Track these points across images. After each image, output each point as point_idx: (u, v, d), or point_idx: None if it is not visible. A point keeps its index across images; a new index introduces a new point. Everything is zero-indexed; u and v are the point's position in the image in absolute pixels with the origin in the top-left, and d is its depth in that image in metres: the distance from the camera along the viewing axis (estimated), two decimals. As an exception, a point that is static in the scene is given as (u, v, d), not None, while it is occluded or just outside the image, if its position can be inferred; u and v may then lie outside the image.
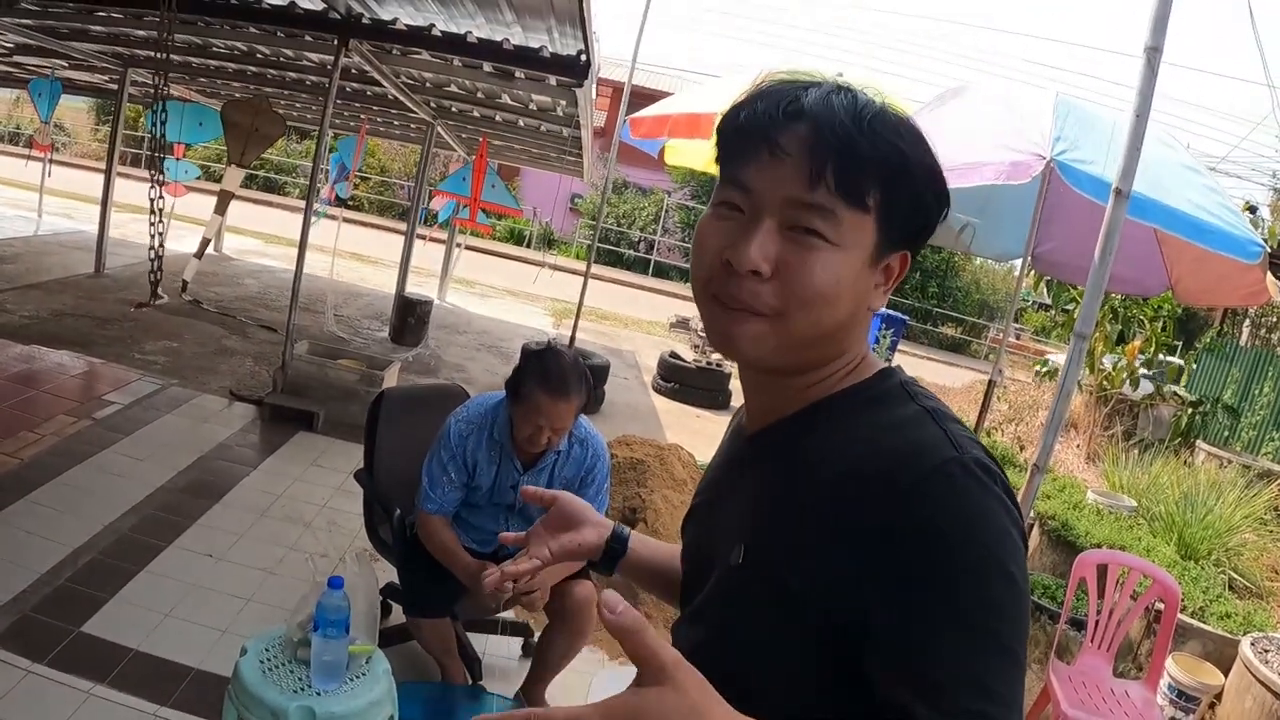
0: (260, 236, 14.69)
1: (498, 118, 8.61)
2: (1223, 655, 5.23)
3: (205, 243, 8.83)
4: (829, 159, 0.98)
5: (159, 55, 4.34)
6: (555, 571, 2.98)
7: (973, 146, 3.94)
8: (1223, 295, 5.22)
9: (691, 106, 6.75)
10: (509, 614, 3.75)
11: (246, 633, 3.54)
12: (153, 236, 5.50)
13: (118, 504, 4.35)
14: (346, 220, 8.80)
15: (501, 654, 3.89)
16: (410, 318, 9.67)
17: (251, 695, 2.21)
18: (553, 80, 6.22)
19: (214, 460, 5.22)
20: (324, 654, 2.27)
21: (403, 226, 18.64)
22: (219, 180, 12.68)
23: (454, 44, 5.69)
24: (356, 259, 9.52)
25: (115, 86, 9.83)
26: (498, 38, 5.57)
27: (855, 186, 0.99)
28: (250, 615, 3.70)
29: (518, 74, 6.27)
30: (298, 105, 10.31)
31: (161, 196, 5.32)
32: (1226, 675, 5.12)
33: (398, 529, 3.38)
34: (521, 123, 8.58)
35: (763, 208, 1.01)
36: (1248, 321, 14.78)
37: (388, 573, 4.08)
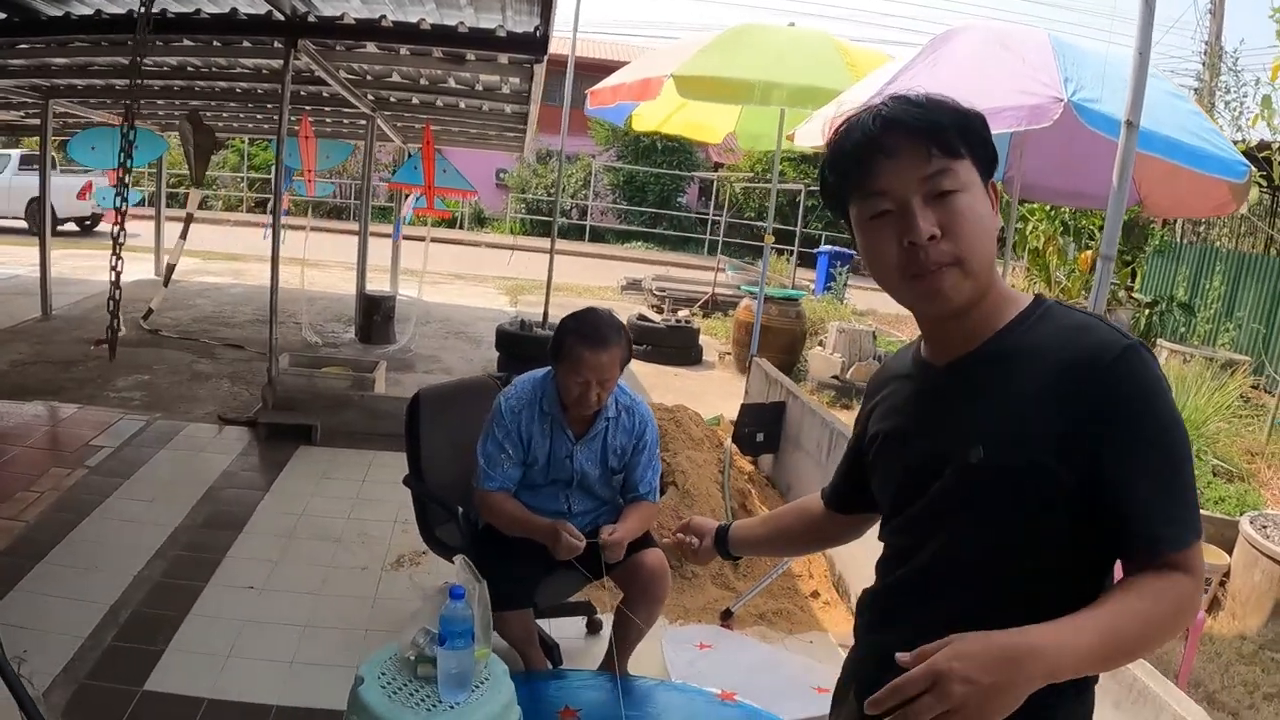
0: (197, 254, 14.07)
1: (438, 102, 8.45)
2: (1224, 537, 5.43)
3: (170, 269, 8.57)
4: (925, 135, 1.32)
5: (131, 81, 4.14)
6: (629, 531, 3.11)
7: (985, 93, 3.95)
8: (1193, 207, 5.34)
9: (643, 72, 6.78)
10: (577, 595, 3.69)
11: (313, 660, 3.46)
12: (114, 269, 5.26)
13: (141, 552, 4.17)
14: (291, 227, 8.55)
15: (570, 635, 3.84)
16: (375, 315, 9.51)
17: (385, 722, 2.13)
18: (505, 59, 6.10)
19: (224, 490, 5.06)
20: (452, 666, 2.19)
21: (336, 225, 18.64)
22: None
23: (406, 34, 5.53)
24: (298, 263, 9.33)
25: (36, 121, 9.41)
26: (451, 22, 5.42)
27: (950, 144, 1.33)
28: (312, 641, 3.59)
29: (469, 56, 6.12)
30: (225, 115, 9.99)
31: (123, 230, 5.08)
32: (1230, 555, 5.29)
33: (467, 528, 3.32)
34: (463, 104, 8.42)
35: (905, 195, 1.33)
36: (1179, 221, 15.10)
37: (445, 572, 4.02)
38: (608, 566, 3.08)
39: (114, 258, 4.56)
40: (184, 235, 8.71)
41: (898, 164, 1.33)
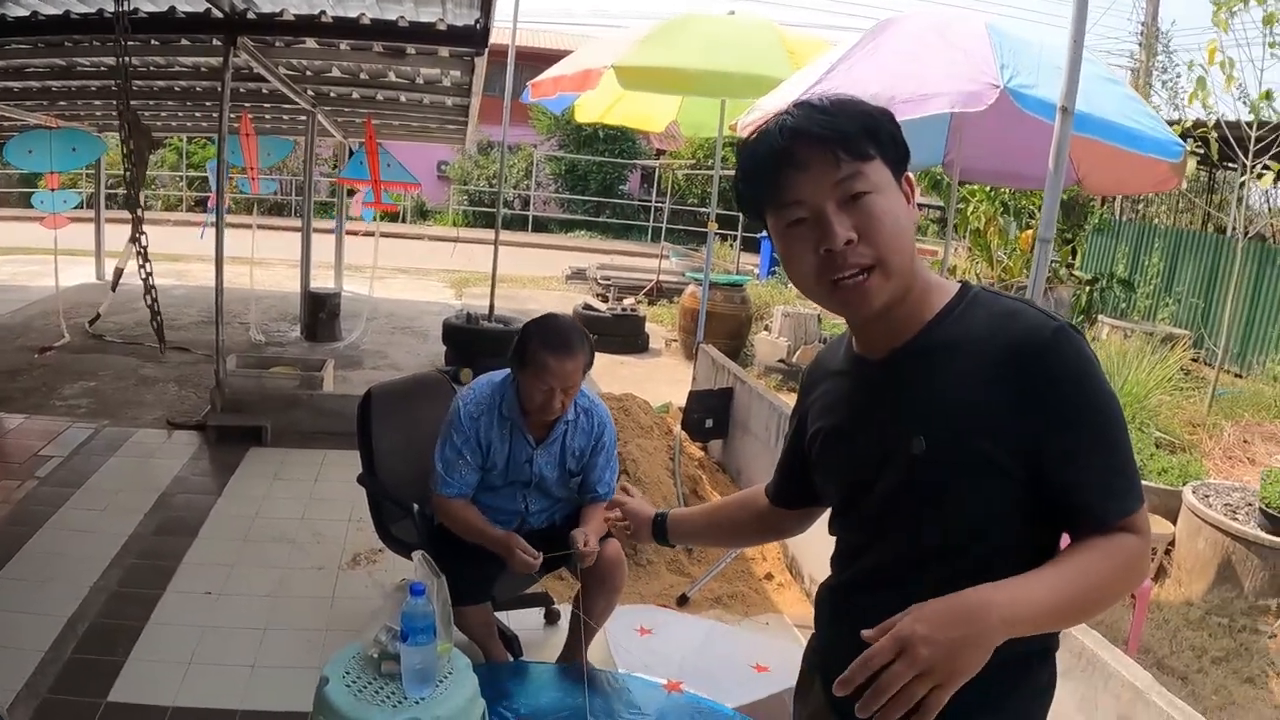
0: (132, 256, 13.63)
1: (379, 96, 8.38)
2: (1168, 507, 5.58)
3: (119, 273, 8.43)
4: (831, 143, 1.34)
5: (116, 83, 4.09)
6: (595, 532, 3.11)
7: (919, 79, 4.02)
8: (1132, 184, 5.45)
9: (584, 64, 6.79)
10: (534, 587, 3.73)
11: (274, 663, 3.48)
12: (147, 283, 5.25)
13: (96, 562, 4.13)
14: (233, 225, 8.43)
15: (529, 626, 3.88)
16: (321, 313, 9.42)
17: (352, 721, 2.16)
18: (445, 52, 6.09)
19: (176, 496, 5.03)
20: (416, 662, 2.22)
21: (278, 222, 18.35)
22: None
23: (346, 29, 5.51)
24: (242, 262, 9.25)
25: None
26: (390, 16, 5.41)
27: (858, 147, 1.35)
28: (272, 644, 3.60)
29: (409, 50, 6.10)
30: (163, 114, 9.85)
31: (143, 242, 5.07)
32: (1175, 524, 5.45)
33: (422, 523, 3.33)
34: (404, 98, 8.37)
35: (819, 202, 1.35)
36: (1118, 199, 15.41)
37: (402, 569, 4.04)
38: (583, 572, 3.10)
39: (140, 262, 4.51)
40: (133, 239, 8.56)
41: (808, 174, 1.35)
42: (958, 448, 1.35)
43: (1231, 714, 3.93)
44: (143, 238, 4.11)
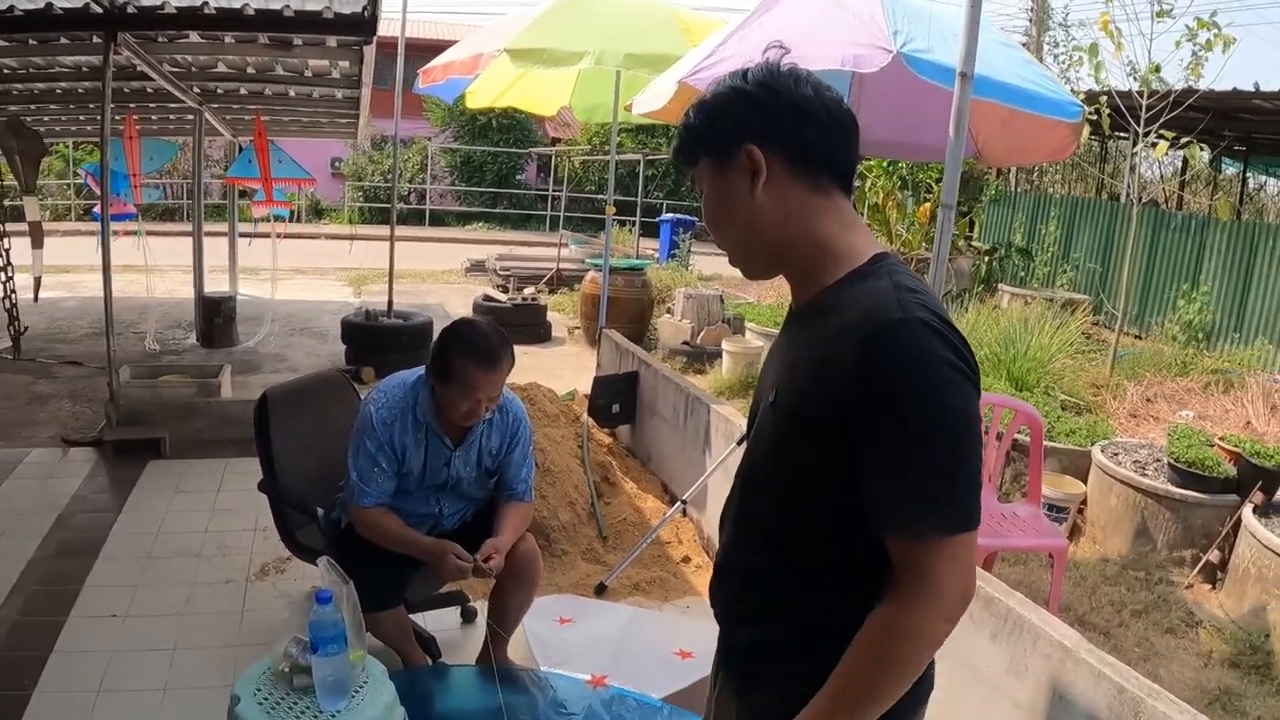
0: (25, 269, 12.91)
1: (267, 91, 8.13)
2: (1078, 466, 5.73)
3: (38, 281, 8.10)
4: (677, 155, 1.54)
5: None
6: (512, 534, 3.10)
7: (810, 42, 4.00)
8: (1030, 153, 5.51)
9: (475, 49, 6.71)
10: (448, 586, 3.70)
11: (186, 683, 3.38)
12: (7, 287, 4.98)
13: (-6, 590, 3.99)
14: (122, 233, 8.12)
15: (446, 625, 3.85)
16: (216, 317, 9.20)
17: (266, 741, 2.12)
18: (333, 42, 5.96)
19: (75, 515, 4.85)
20: (329, 674, 2.19)
21: (169, 228, 17.78)
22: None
23: (229, 20, 5.34)
24: (135, 271, 8.97)
25: None
26: (275, 5, 5.27)
27: (688, 153, 1.51)
28: (183, 664, 3.50)
29: (296, 41, 5.96)
30: (46, 119, 9.46)
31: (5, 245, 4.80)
32: (1086, 483, 5.62)
33: (328, 529, 3.25)
34: (293, 92, 8.14)
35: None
36: (1013, 170, 15.84)
37: (312, 577, 3.96)
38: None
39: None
40: (38, 245, 8.23)
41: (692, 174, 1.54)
42: (795, 408, 1.40)
43: (1155, 665, 4.06)
44: (4, 240, 3.92)
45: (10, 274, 5.46)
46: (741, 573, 1.56)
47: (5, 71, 6.92)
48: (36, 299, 8.18)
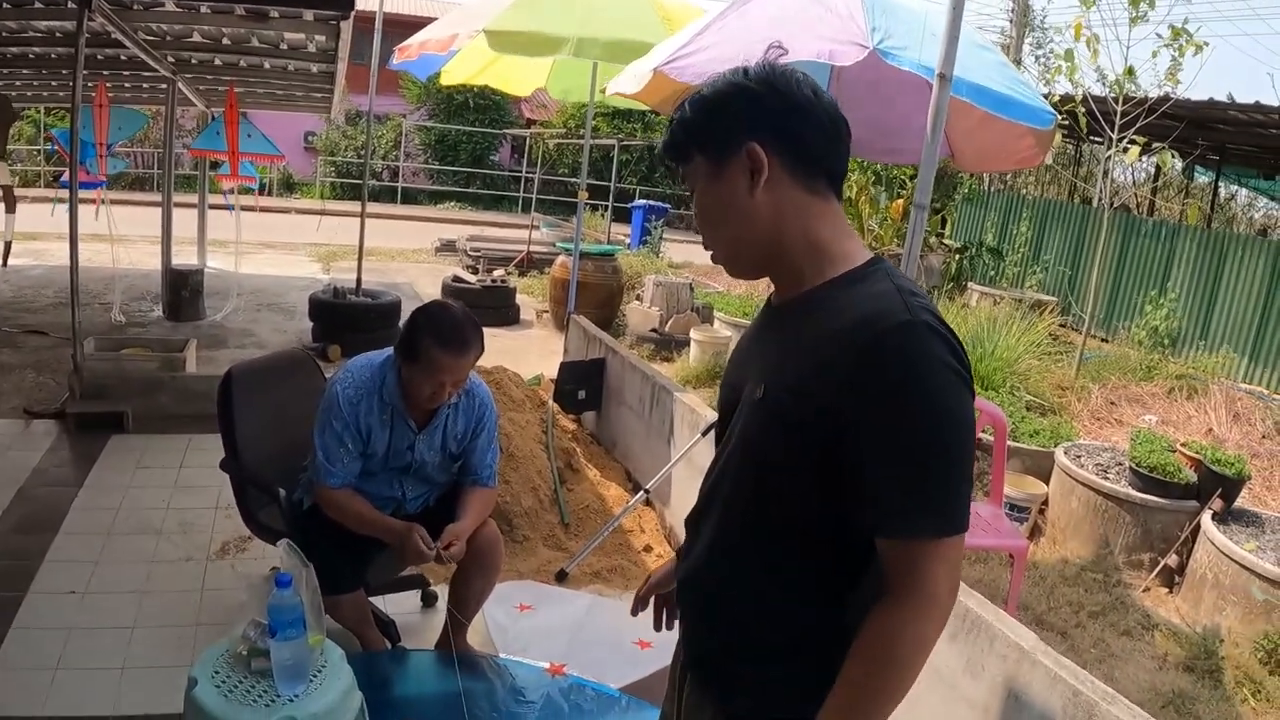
0: None
1: (242, 63, 8.06)
2: (1041, 468, 5.79)
3: (8, 246, 7.97)
4: (668, 154, 1.52)
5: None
6: (474, 520, 3.11)
7: (786, 35, 3.97)
8: (999, 161, 5.53)
9: (453, 28, 6.63)
10: (408, 570, 3.69)
11: (145, 663, 3.36)
12: None
13: (-49, 565, 3.93)
14: (86, 201, 8.00)
15: (406, 609, 3.85)
16: (183, 290, 9.08)
17: (223, 724, 2.11)
18: (310, 15, 5.90)
19: (35, 489, 4.80)
20: (287, 658, 2.17)
21: (139, 197, 17.56)
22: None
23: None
24: (102, 240, 8.85)
25: None
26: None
27: (679, 152, 1.49)
28: (142, 643, 3.48)
29: (273, 13, 5.89)
30: (18, 84, 9.31)
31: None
32: (1048, 484, 5.69)
33: (289, 510, 3.23)
34: (268, 65, 8.06)
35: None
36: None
37: (272, 557, 3.94)
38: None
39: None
40: (10, 209, 8.12)
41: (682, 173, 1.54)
42: (785, 406, 1.37)
43: (1110, 666, 4.11)
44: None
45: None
46: (720, 575, 1.53)
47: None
48: (5, 264, 8.07)
